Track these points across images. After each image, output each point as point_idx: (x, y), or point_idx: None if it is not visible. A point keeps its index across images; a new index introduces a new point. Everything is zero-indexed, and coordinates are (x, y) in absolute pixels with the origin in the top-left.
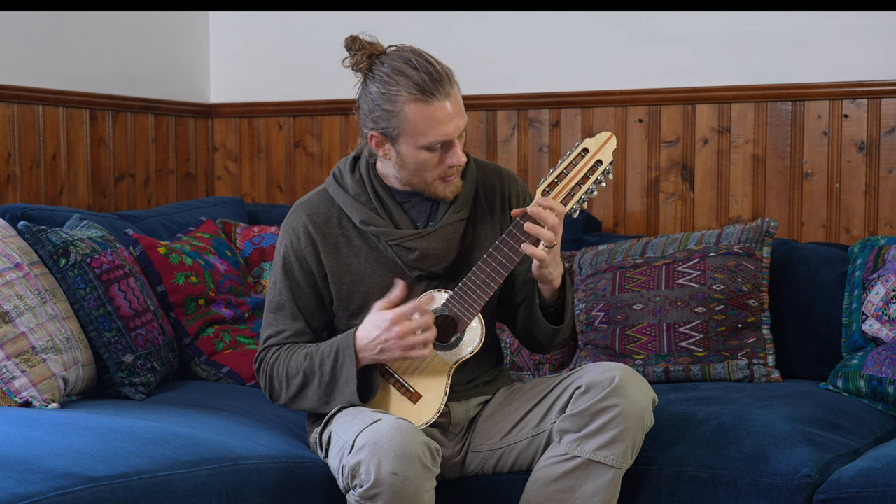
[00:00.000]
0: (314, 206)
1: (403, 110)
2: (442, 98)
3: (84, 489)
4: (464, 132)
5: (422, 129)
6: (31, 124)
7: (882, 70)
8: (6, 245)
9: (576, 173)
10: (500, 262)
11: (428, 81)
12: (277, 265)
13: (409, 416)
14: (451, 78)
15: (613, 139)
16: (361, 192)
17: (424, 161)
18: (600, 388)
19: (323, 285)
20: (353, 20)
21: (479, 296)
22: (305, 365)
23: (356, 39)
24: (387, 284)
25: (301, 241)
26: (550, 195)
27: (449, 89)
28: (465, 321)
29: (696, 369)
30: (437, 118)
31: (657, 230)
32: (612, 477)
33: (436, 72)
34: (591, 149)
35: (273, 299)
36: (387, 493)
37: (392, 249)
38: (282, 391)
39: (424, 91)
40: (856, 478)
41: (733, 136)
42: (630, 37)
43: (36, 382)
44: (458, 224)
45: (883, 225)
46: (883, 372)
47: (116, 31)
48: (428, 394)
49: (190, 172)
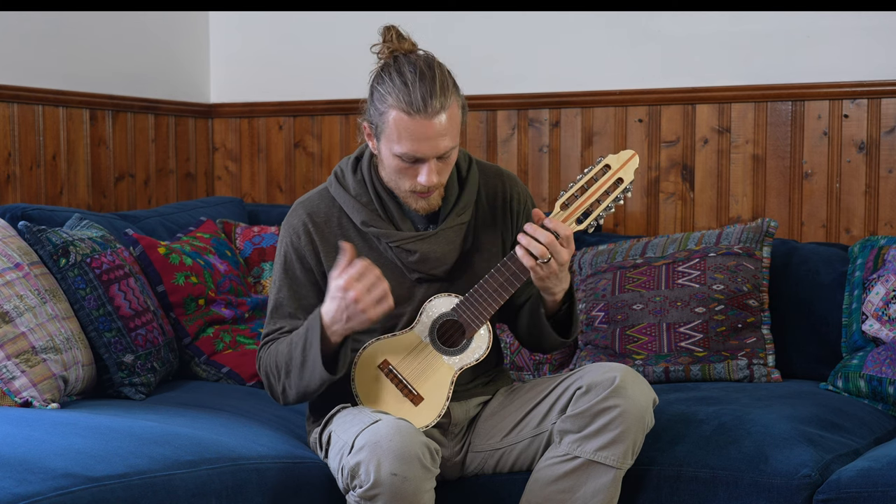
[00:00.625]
0: (314, 205)
1: (388, 113)
2: (425, 117)
3: (84, 489)
4: (449, 154)
5: (396, 137)
6: (31, 124)
7: (882, 70)
8: (6, 245)
9: (595, 189)
10: (512, 273)
11: (419, 99)
12: (278, 264)
13: (409, 417)
14: (447, 99)
15: (636, 158)
16: (363, 192)
17: (397, 168)
18: (601, 388)
19: (323, 283)
20: (353, 20)
21: (490, 304)
22: (286, 352)
23: (390, 30)
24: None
25: (301, 240)
26: (570, 209)
27: (438, 112)
28: (473, 328)
29: (696, 369)
30: (413, 134)
31: (657, 230)
32: (613, 477)
33: (433, 91)
34: (612, 165)
35: (274, 297)
36: (386, 494)
37: (392, 251)
38: (276, 384)
39: (410, 105)
40: (856, 478)
41: (733, 136)
42: (630, 37)
43: (36, 382)
44: (459, 228)
45: (883, 225)
46: (883, 372)
47: (116, 31)
48: (430, 397)
49: (190, 172)
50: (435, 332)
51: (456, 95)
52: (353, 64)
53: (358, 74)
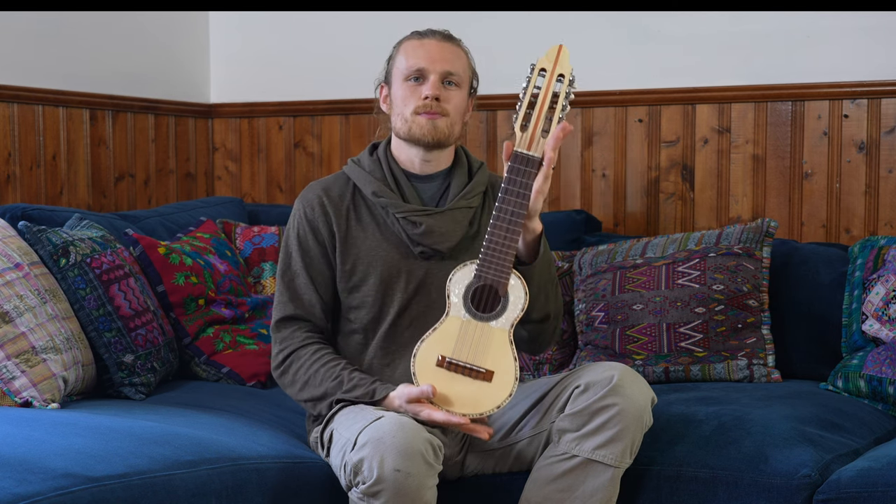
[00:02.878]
0: (329, 183)
1: (399, 50)
2: (431, 38)
3: (84, 489)
4: (454, 81)
5: (403, 59)
6: (31, 124)
7: (882, 70)
8: (6, 245)
9: (544, 98)
10: (512, 212)
11: (428, 31)
12: (291, 237)
13: (491, 395)
14: (454, 40)
15: (565, 49)
16: (377, 169)
17: (404, 95)
18: (599, 387)
19: (334, 258)
20: (353, 20)
21: (507, 252)
22: (330, 385)
23: None
24: (388, 260)
25: (315, 211)
26: (529, 129)
27: (444, 40)
28: (504, 283)
29: (696, 369)
30: (418, 49)
31: (657, 230)
32: (611, 476)
33: (440, 31)
34: (547, 67)
35: (286, 271)
36: (389, 490)
37: (399, 223)
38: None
39: (419, 34)
40: (856, 478)
41: (733, 136)
42: (630, 37)
43: (36, 382)
44: (466, 210)
45: (883, 225)
46: (883, 372)
47: (116, 31)
48: (499, 366)
49: (190, 172)
50: (470, 305)
51: (466, 50)
52: (353, 64)
53: (358, 74)
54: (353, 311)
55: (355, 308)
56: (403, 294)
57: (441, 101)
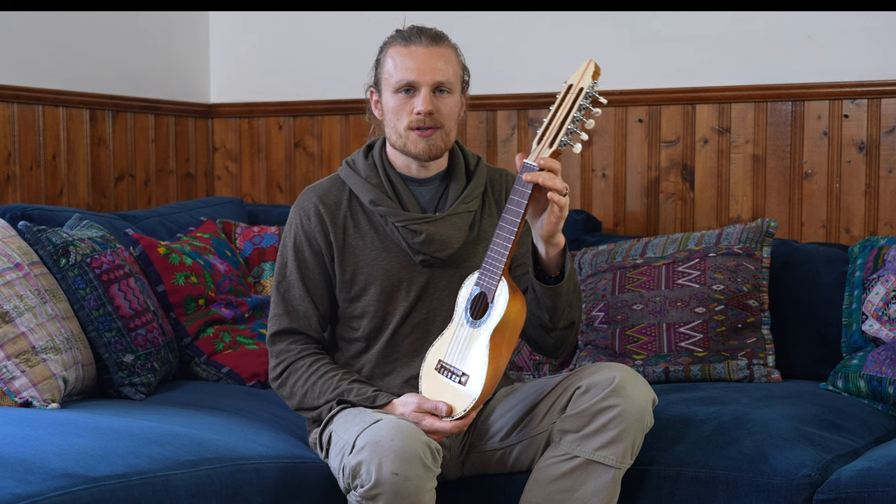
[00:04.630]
0: (325, 189)
1: (386, 55)
2: (418, 45)
3: (84, 489)
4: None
5: (392, 70)
6: (31, 124)
7: (882, 70)
8: (6, 245)
9: (562, 111)
10: (509, 220)
11: (413, 32)
12: (288, 247)
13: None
14: (443, 41)
15: (592, 64)
16: (373, 174)
17: (396, 106)
18: (600, 388)
19: (331, 266)
20: (353, 21)
21: (499, 261)
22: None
23: None
24: (389, 269)
25: (311, 221)
26: (543, 140)
27: (432, 44)
28: (492, 290)
29: (696, 369)
30: (406, 59)
31: (657, 230)
32: (612, 477)
33: (428, 31)
34: (574, 82)
35: (281, 282)
36: (388, 494)
37: (399, 232)
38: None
39: (404, 37)
40: (856, 478)
41: (733, 136)
42: (630, 37)
43: (36, 382)
44: (466, 215)
45: (883, 225)
46: (883, 372)
47: (116, 31)
48: (473, 370)
49: (190, 172)
50: (468, 312)
51: (454, 48)
52: (353, 64)
53: (358, 75)
54: (354, 321)
55: (357, 317)
56: (405, 303)
57: (434, 113)
